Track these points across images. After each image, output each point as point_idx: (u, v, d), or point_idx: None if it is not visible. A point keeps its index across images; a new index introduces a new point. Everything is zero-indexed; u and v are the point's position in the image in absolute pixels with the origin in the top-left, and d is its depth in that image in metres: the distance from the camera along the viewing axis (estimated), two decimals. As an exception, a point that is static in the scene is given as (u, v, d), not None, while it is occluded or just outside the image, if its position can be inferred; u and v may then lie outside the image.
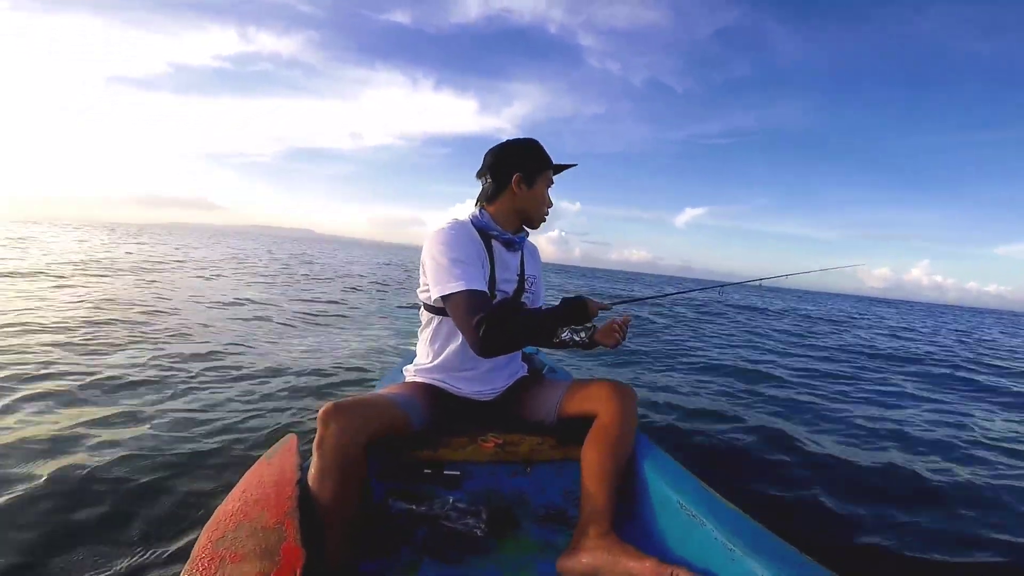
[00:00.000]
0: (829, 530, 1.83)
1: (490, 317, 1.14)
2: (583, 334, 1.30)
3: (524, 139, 1.40)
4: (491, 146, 1.39)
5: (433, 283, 1.24)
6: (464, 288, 1.17)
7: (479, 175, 1.40)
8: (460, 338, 1.34)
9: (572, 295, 1.34)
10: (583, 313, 1.31)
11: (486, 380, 1.41)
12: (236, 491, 0.99)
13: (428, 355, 1.41)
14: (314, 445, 1.00)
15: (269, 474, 1.01)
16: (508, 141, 1.39)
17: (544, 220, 1.44)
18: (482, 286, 1.22)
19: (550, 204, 1.43)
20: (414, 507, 1.14)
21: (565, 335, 1.30)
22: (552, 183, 1.43)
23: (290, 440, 1.13)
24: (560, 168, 1.44)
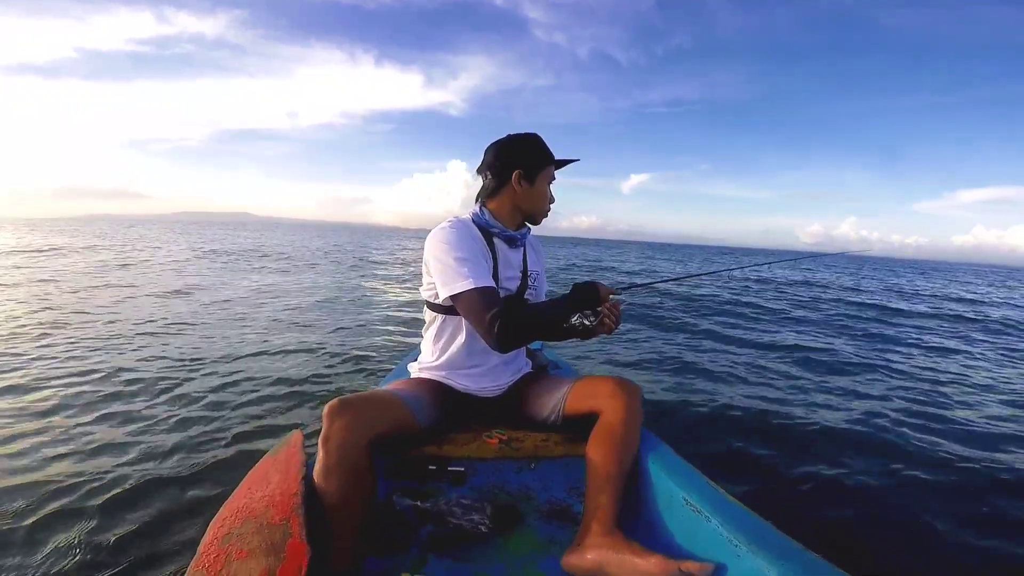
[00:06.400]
0: (834, 526, 1.83)
1: (504, 313, 1.16)
2: (592, 318, 1.27)
3: (525, 134, 1.38)
4: (492, 141, 1.37)
5: (440, 283, 1.24)
6: (473, 286, 1.18)
7: (479, 171, 1.39)
8: (464, 335, 1.35)
9: (582, 280, 1.34)
10: (594, 298, 1.31)
11: (492, 376, 1.42)
12: (242, 487, 1.00)
13: (433, 353, 1.41)
14: (320, 441, 1.00)
15: (275, 470, 1.01)
16: (509, 136, 1.38)
17: (547, 216, 1.42)
18: (490, 283, 1.23)
19: (552, 200, 1.41)
20: (419, 503, 1.14)
21: (575, 319, 1.29)
22: (554, 179, 1.41)
23: (295, 436, 1.13)
24: (562, 163, 1.42)
